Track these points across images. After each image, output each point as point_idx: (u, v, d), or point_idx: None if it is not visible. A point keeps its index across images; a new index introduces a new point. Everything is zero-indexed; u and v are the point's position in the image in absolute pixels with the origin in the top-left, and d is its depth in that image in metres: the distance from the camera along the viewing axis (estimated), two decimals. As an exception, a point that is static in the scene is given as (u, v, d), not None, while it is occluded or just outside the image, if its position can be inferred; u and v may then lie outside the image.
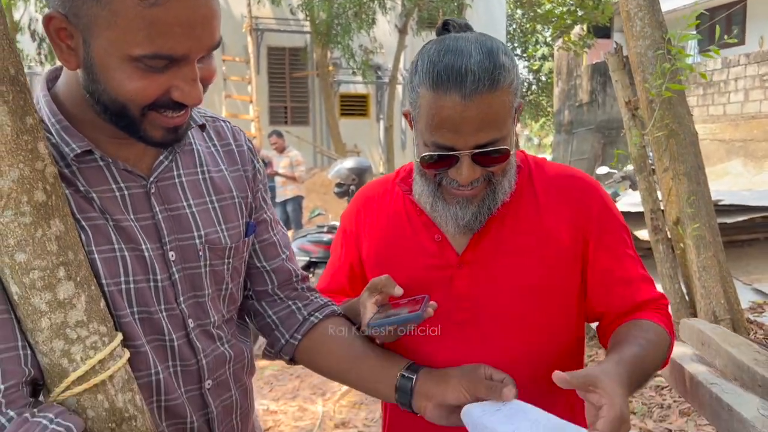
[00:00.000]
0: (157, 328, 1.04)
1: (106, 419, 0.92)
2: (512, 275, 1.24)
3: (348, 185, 5.68)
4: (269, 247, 1.28)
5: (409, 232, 1.31)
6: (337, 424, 4.06)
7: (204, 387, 1.11)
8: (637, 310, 1.26)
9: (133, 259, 1.01)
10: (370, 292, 1.17)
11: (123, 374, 0.95)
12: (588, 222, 1.26)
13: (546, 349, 1.27)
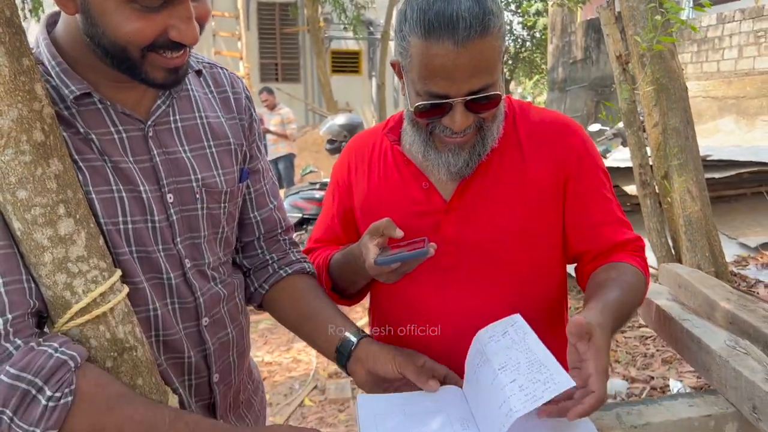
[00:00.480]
0: (155, 266, 1.08)
1: (108, 348, 0.97)
2: (497, 220, 1.28)
3: (340, 142, 5.67)
4: (260, 197, 1.33)
5: (397, 181, 1.34)
6: (331, 374, 4.17)
7: (201, 324, 1.16)
8: (614, 250, 1.31)
9: (131, 200, 1.05)
10: (371, 235, 1.20)
11: (123, 307, 0.99)
12: (568, 164, 1.29)
13: (530, 292, 1.32)
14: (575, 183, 1.30)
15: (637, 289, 1.24)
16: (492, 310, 1.27)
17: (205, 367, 1.18)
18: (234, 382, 1.26)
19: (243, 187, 1.27)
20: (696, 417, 1.06)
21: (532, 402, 0.93)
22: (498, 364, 1.04)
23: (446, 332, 1.31)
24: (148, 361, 1.02)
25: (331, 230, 1.47)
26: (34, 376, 0.87)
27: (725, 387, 1.09)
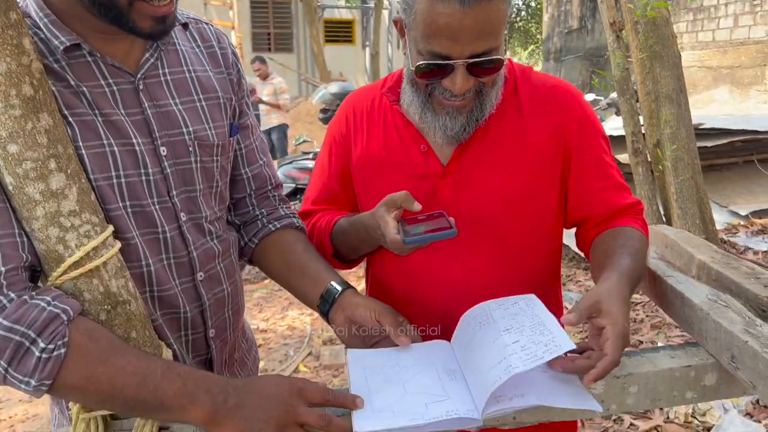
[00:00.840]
0: (150, 220, 1.09)
1: (101, 302, 0.99)
2: (494, 185, 1.28)
3: (333, 111, 5.66)
4: (250, 153, 1.34)
5: (396, 142, 1.33)
6: (325, 341, 4.22)
7: (197, 279, 1.17)
8: (617, 215, 1.31)
9: (123, 154, 1.05)
10: (388, 207, 1.18)
11: (115, 262, 1.01)
12: (569, 130, 1.29)
13: (525, 258, 1.33)
14: (577, 150, 1.30)
15: (643, 253, 1.25)
16: (486, 275, 1.30)
17: (201, 322, 1.19)
18: (230, 338, 1.28)
19: (234, 142, 1.28)
20: (677, 368, 1.08)
21: (532, 361, 0.95)
22: (503, 326, 1.06)
23: (441, 296, 1.32)
24: (141, 315, 1.04)
25: (328, 189, 1.44)
26: (27, 329, 0.89)
27: (705, 339, 1.12)
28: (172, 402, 0.94)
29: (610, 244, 1.23)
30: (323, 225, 1.38)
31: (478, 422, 0.97)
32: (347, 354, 1.15)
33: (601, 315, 1.02)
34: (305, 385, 1.00)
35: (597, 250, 1.27)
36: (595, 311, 1.03)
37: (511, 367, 0.95)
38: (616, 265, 1.14)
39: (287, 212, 1.39)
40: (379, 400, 1.01)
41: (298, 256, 1.30)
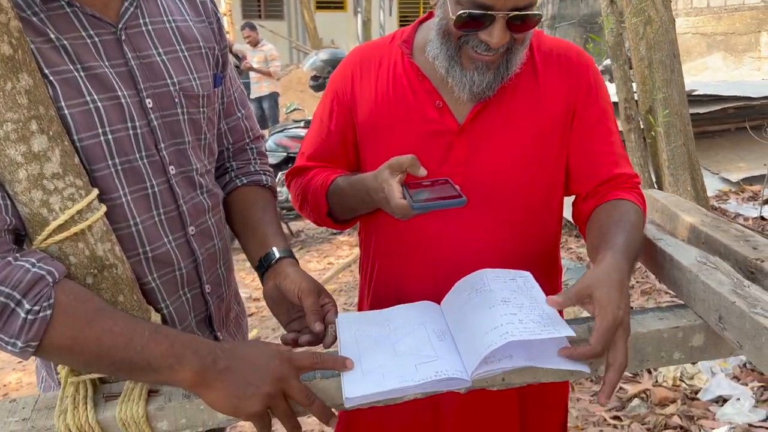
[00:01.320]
0: (139, 176, 1.07)
1: (87, 265, 0.98)
2: (509, 146, 1.26)
3: (324, 78, 5.59)
4: (228, 105, 1.32)
5: (409, 97, 1.29)
6: (317, 309, 4.23)
7: (188, 233, 1.16)
8: (613, 186, 1.29)
9: (109, 109, 1.03)
10: (392, 171, 1.15)
11: (101, 225, 1.00)
12: (578, 93, 1.28)
13: (532, 222, 1.31)
14: (582, 112, 1.29)
15: (640, 228, 1.23)
16: (494, 236, 1.28)
17: (196, 278, 1.19)
18: (225, 295, 1.27)
19: (219, 93, 1.26)
20: (665, 329, 1.09)
21: (529, 334, 0.96)
22: (501, 297, 1.06)
23: (446, 258, 1.30)
24: (128, 278, 1.03)
25: (326, 146, 1.40)
26: (12, 290, 0.88)
27: (694, 300, 1.12)
28: (159, 362, 0.93)
29: (605, 221, 1.21)
30: (318, 183, 1.35)
31: (467, 383, 0.97)
32: (337, 318, 1.15)
33: (592, 303, 1.00)
34: (291, 353, 1.00)
35: (592, 228, 1.25)
36: (586, 297, 1.02)
37: (507, 334, 0.95)
38: (611, 245, 1.12)
39: (258, 168, 1.36)
40: (368, 363, 1.01)
41: (254, 215, 1.29)
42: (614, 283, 1.01)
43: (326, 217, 1.37)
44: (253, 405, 0.94)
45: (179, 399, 0.98)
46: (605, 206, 1.26)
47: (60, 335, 0.91)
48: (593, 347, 0.96)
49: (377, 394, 0.96)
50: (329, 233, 5.89)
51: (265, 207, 1.30)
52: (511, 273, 1.15)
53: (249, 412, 0.94)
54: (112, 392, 1.00)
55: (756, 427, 2.57)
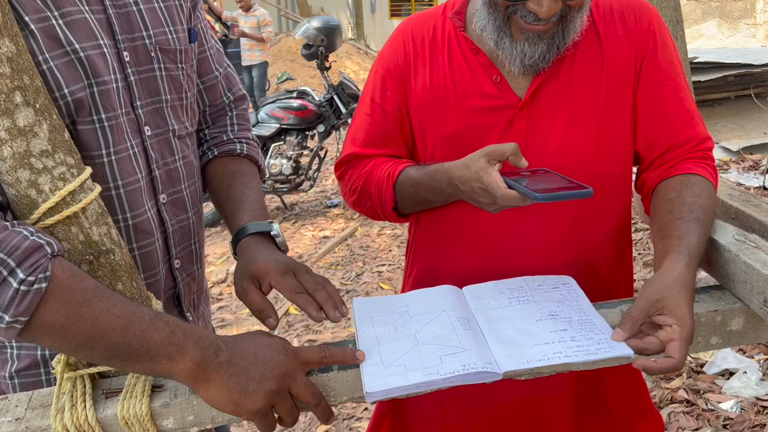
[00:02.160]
0: (121, 134, 1.00)
1: (82, 252, 0.89)
2: (574, 119, 1.17)
3: (317, 46, 5.43)
4: (203, 61, 1.22)
5: (464, 72, 1.20)
6: (314, 283, 4.17)
7: (159, 201, 1.07)
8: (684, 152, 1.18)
9: (95, 58, 0.94)
10: (491, 158, 1.04)
11: (96, 207, 0.91)
12: (642, 50, 1.17)
13: (605, 201, 1.20)
14: (647, 68, 1.18)
15: (712, 213, 1.12)
16: (564, 222, 1.19)
17: (165, 252, 1.10)
18: (196, 274, 1.19)
19: (195, 49, 1.16)
20: (702, 312, 1.02)
21: (584, 355, 0.90)
22: (548, 310, 1.01)
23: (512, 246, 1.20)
24: (127, 265, 0.95)
25: (381, 129, 1.27)
26: (7, 256, 0.78)
27: (733, 282, 1.05)
28: (158, 350, 0.85)
29: (677, 204, 1.09)
30: (383, 175, 1.23)
31: (497, 376, 0.90)
32: (352, 302, 1.08)
33: (667, 313, 0.93)
34: (298, 347, 0.92)
35: (660, 207, 1.13)
36: (657, 310, 0.94)
37: (561, 354, 0.90)
38: (685, 243, 1.01)
39: (233, 135, 1.26)
40: (389, 354, 0.94)
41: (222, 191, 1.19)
42: (690, 293, 0.95)
43: (391, 211, 1.26)
44: (255, 402, 0.86)
45: (186, 395, 0.91)
46: (675, 182, 1.14)
47: (54, 312, 0.81)
48: (677, 361, 0.89)
49: (400, 389, 0.89)
50: (323, 206, 5.80)
51: (233, 180, 1.19)
52: (553, 280, 1.09)
53: (251, 409, 0.86)
54: (112, 388, 0.93)
55: (763, 400, 2.54)
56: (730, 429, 2.41)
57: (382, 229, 5.03)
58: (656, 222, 1.12)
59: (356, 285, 4.09)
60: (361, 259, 4.49)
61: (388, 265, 4.34)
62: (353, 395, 0.94)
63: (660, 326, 0.94)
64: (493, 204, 1.05)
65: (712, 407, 2.54)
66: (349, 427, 2.67)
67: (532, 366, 0.90)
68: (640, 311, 0.94)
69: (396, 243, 4.70)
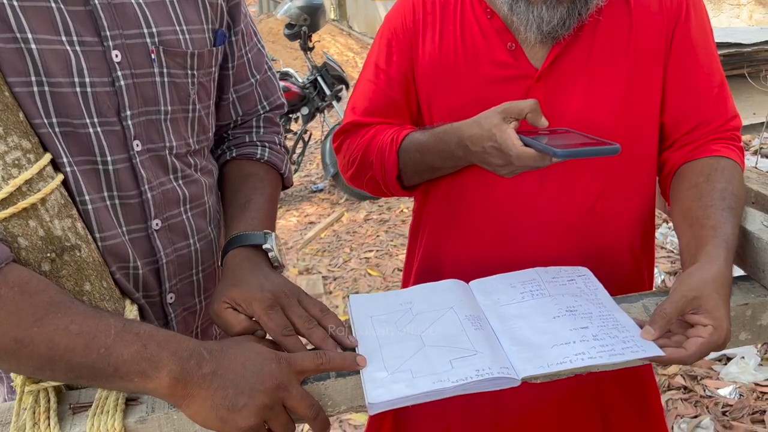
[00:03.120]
0: (85, 146, 0.85)
1: (42, 248, 0.78)
2: (596, 92, 1.07)
3: (299, 26, 5.28)
4: (240, 69, 1.08)
5: (477, 37, 1.10)
6: (301, 271, 4.07)
7: (151, 228, 0.94)
8: (711, 132, 1.09)
9: (47, 54, 0.80)
10: (507, 116, 0.94)
11: (58, 198, 0.80)
12: (675, 19, 1.07)
13: (628, 180, 1.11)
14: (679, 39, 1.07)
15: (743, 200, 1.04)
16: (584, 201, 1.09)
17: (155, 284, 0.97)
18: (199, 308, 1.05)
19: (218, 54, 1.01)
20: (732, 306, 0.94)
21: (610, 356, 0.81)
22: (565, 305, 0.92)
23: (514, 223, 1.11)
24: (95, 262, 0.84)
25: (386, 97, 1.17)
26: None
27: (763, 272, 0.97)
28: (129, 368, 0.74)
29: (706, 189, 1.01)
30: (386, 141, 1.12)
31: (515, 382, 0.81)
32: (349, 300, 0.98)
33: (702, 313, 0.84)
34: (291, 355, 0.81)
35: (687, 192, 1.03)
36: (692, 308, 0.85)
37: (584, 355, 0.81)
38: (722, 236, 0.92)
39: (257, 139, 1.13)
40: (392, 358, 0.84)
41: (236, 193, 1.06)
42: (727, 295, 0.86)
43: (395, 180, 1.15)
44: (245, 419, 0.75)
45: (165, 408, 0.80)
46: (702, 165, 1.05)
47: (1, 336, 0.71)
48: (690, 355, 0.82)
49: (406, 398, 0.79)
50: (308, 191, 5.68)
51: (242, 184, 1.06)
52: (568, 271, 1.00)
53: (240, 426, 0.76)
54: (80, 402, 0.82)
55: (761, 385, 2.50)
56: (729, 416, 2.36)
57: (369, 214, 4.93)
58: (681, 208, 1.02)
59: (343, 272, 4.00)
60: (347, 245, 4.39)
61: (376, 250, 4.24)
62: (353, 404, 0.85)
63: (692, 325, 0.85)
64: (507, 166, 0.95)
65: (710, 393, 2.49)
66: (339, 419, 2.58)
67: (552, 370, 0.81)
68: (674, 308, 0.85)
69: (383, 228, 4.61)
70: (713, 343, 0.83)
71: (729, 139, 1.09)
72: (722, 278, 0.87)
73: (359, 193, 5.17)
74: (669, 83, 1.09)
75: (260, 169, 1.10)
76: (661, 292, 0.99)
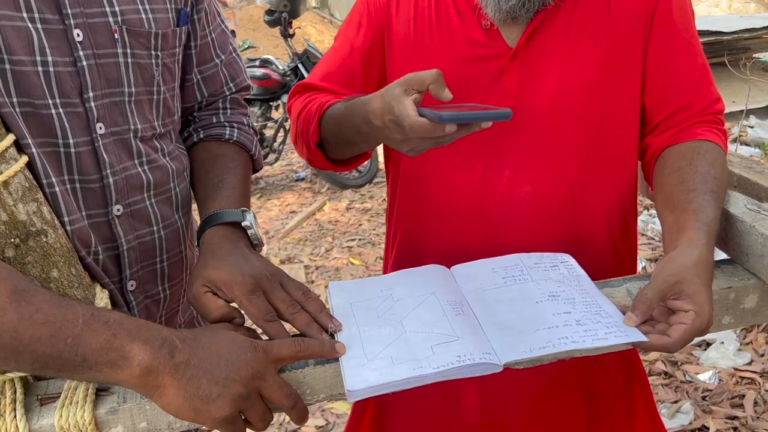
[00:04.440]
0: (46, 128, 0.83)
1: (5, 234, 0.75)
2: (571, 71, 1.04)
3: (279, 12, 5.22)
4: (204, 49, 1.07)
5: (452, 16, 1.08)
6: (283, 260, 4.04)
7: (111, 213, 0.91)
8: (694, 115, 1.07)
9: (8, 31, 0.78)
10: (408, 87, 0.88)
11: (22, 181, 0.76)
12: (656, 1, 1.05)
13: (604, 164, 1.09)
14: (660, 19, 1.05)
15: (725, 183, 1.02)
16: (555, 178, 1.07)
17: (115, 271, 0.94)
18: (163, 296, 1.02)
19: (181, 34, 1.00)
20: (715, 290, 0.93)
21: (593, 341, 0.80)
22: (548, 290, 0.91)
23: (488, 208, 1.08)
24: (63, 248, 0.80)
25: (345, 66, 1.15)
26: None
27: (746, 255, 0.96)
28: (97, 357, 0.71)
29: (688, 173, 0.99)
30: (314, 108, 1.09)
31: (497, 368, 0.79)
32: (329, 287, 0.96)
33: (684, 298, 0.83)
34: (268, 342, 0.79)
35: (669, 177, 1.02)
36: (674, 293, 0.84)
37: (567, 339, 0.80)
38: (703, 219, 0.91)
39: (224, 119, 1.11)
40: (372, 345, 0.82)
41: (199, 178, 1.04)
42: (709, 280, 0.86)
43: (315, 149, 1.10)
44: (220, 409, 0.73)
45: (137, 398, 0.78)
46: (685, 149, 1.03)
47: None
48: (673, 342, 0.81)
49: (386, 385, 0.77)
50: (290, 180, 5.63)
51: (214, 165, 1.03)
52: (550, 257, 0.98)
53: (215, 417, 0.73)
54: (48, 393, 0.79)
55: (740, 370, 2.52)
56: (709, 400, 2.38)
57: (351, 203, 4.90)
58: (664, 192, 1.01)
59: (326, 261, 3.97)
60: (330, 234, 4.36)
61: (358, 239, 4.22)
62: (332, 392, 0.83)
63: (673, 311, 0.84)
64: (406, 141, 0.90)
65: (690, 379, 2.51)
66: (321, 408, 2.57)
67: (535, 354, 0.80)
68: (655, 293, 0.84)
69: (366, 217, 4.58)
70: (696, 328, 0.82)
71: (712, 123, 1.08)
72: (704, 262, 0.86)
73: (341, 182, 5.13)
74: (649, 65, 1.07)
75: (230, 149, 1.07)
76: (645, 276, 0.98)
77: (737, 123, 4.81)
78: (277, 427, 2.48)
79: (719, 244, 1.03)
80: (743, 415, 2.26)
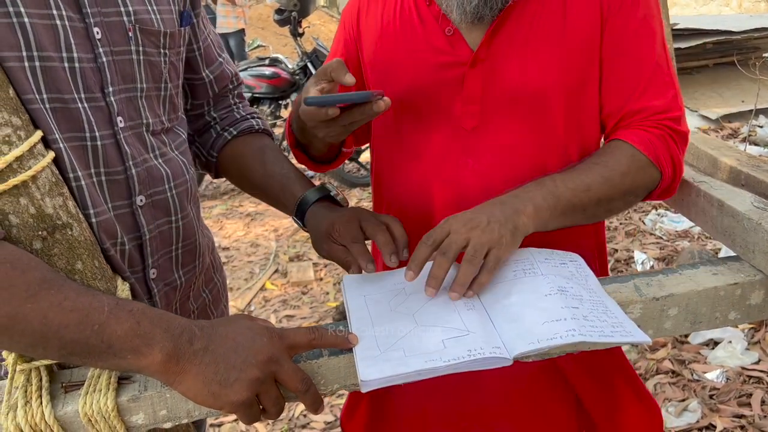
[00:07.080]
0: (75, 122, 0.86)
1: (34, 227, 0.77)
2: (531, 74, 1.05)
3: (289, 11, 5.24)
4: (207, 50, 1.14)
5: (416, 24, 1.10)
6: (291, 258, 4.07)
7: (135, 204, 0.94)
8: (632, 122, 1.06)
9: (39, 28, 0.80)
10: (317, 79, 0.97)
11: (49, 176, 0.79)
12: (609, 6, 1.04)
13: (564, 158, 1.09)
14: (612, 25, 1.04)
15: (622, 174, 1.01)
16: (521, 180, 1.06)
17: (139, 260, 0.97)
18: (179, 283, 1.06)
19: (185, 34, 1.05)
20: (722, 286, 0.95)
21: (600, 336, 0.82)
22: (557, 285, 0.92)
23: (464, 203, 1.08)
24: (87, 241, 0.83)
25: None
26: None
27: (753, 252, 0.98)
28: (122, 344, 0.74)
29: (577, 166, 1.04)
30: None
31: (507, 362, 0.81)
32: (343, 280, 0.98)
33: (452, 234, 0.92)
34: (283, 330, 0.82)
35: None
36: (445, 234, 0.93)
37: (574, 332, 0.81)
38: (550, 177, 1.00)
39: (244, 113, 1.20)
40: (386, 337, 0.85)
41: (263, 164, 1.15)
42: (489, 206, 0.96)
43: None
44: (237, 393, 0.76)
45: (157, 387, 0.81)
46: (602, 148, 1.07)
47: None
48: None
49: (399, 377, 0.79)
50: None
51: (264, 156, 1.15)
52: (560, 255, 1.00)
53: (233, 401, 0.76)
54: (72, 381, 0.82)
55: (748, 369, 2.53)
56: (716, 399, 2.39)
57: (360, 201, 4.93)
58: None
59: (334, 258, 3.99)
60: (338, 232, 4.38)
61: (367, 237, 4.24)
62: (346, 383, 0.85)
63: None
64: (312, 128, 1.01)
65: (697, 377, 2.52)
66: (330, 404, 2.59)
67: (543, 345, 0.82)
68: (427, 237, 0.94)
69: (374, 215, 4.60)
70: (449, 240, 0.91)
71: (650, 125, 1.05)
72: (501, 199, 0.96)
73: (349, 181, 5.16)
74: (604, 66, 1.07)
75: (264, 139, 1.20)
76: (654, 272, 1.00)
77: (746, 123, 4.80)
78: (287, 422, 2.51)
79: (727, 241, 1.05)
80: (750, 414, 2.27)
